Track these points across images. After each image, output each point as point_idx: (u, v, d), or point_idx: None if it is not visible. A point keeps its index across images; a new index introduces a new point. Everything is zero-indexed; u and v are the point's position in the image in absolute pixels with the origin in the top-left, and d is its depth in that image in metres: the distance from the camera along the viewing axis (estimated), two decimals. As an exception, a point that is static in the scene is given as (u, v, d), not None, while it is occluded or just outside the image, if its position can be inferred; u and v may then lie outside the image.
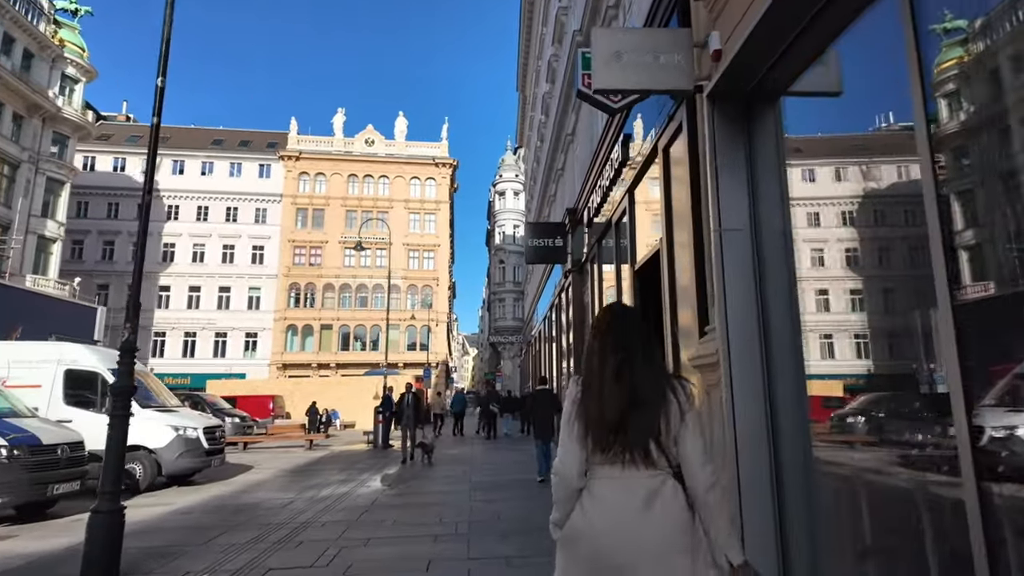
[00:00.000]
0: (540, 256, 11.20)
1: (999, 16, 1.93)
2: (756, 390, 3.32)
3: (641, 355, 1.55)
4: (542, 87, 19.18)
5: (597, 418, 1.49)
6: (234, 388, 24.51)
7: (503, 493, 7.36)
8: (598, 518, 1.45)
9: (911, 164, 2.24)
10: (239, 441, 14.95)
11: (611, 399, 1.49)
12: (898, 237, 2.66)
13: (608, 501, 1.45)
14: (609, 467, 1.48)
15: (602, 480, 1.48)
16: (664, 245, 5.15)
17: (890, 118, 2.58)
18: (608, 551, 1.41)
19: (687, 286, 4.52)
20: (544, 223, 14.41)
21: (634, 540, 1.40)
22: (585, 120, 11.04)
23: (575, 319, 10.77)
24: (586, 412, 1.51)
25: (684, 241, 4.60)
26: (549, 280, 16.05)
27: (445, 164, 44.20)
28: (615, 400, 1.49)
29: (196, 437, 8.37)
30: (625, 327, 1.61)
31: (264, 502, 7.06)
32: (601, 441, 1.48)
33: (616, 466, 1.47)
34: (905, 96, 2.19)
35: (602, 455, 1.48)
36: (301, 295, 41.23)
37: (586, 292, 10.31)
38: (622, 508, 1.43)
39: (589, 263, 9.94)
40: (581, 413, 1.52)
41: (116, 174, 41.04)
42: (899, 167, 2.62)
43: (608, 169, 7.79)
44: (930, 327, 2.17)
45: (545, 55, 17.94)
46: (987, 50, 2.00)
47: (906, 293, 2.58)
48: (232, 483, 8.80)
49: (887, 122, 2.60)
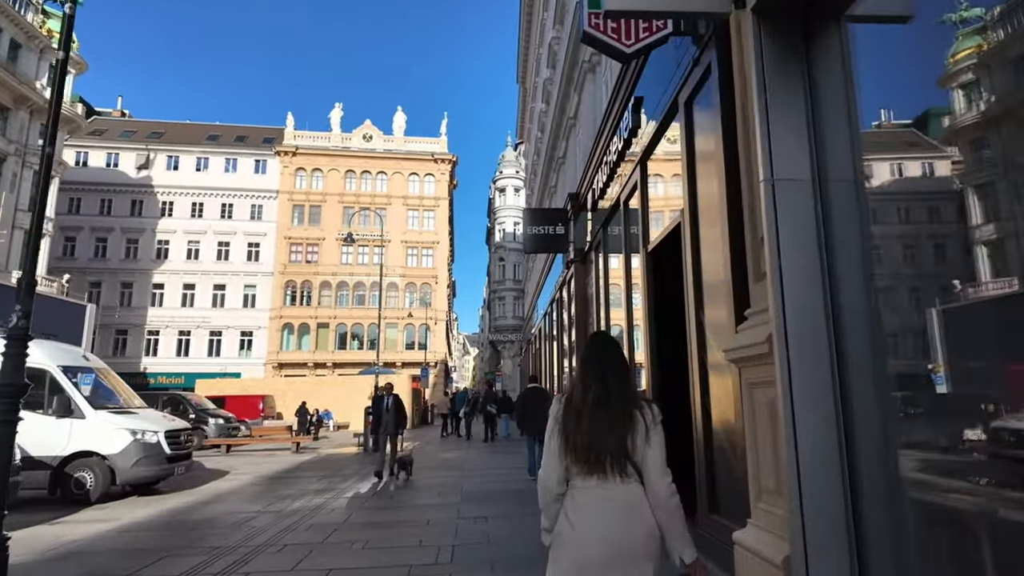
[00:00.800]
0: (540, 245, 10.32)
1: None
2: (822, 388, 2.48)
3: (616, 382, 1.79)
4: (543, 74, 18.34)
5: (576, 436, 1.72)
6: (225, 387, 23.69)
7: (496, 507, 6.51)
8: (582, 526, 1.68)
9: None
10: (221, 444, 14.11)
11: (589, 420, 1.73)
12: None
13: (590, 510, 1.68)
14: (586, 478, 1.71)
15: (582, 490, 1.71)
16: (686, 217, 4.30)
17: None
18: (591, 555, 1.64)
19: (718, 262, 3.67)
20: (544, 209, 13.49)
21: (614, 544, 1.64)
22: (587, 102, 10.21)
23: (578, 313, 9.93)
24: (565, 429, 1.75)
25: (713, 208, 3.75)
26: (549, 276, 15.20)
27: (444, 160, 43.35)
28: (592, 421, 1.72)
29: (156, 442, 7.54)
30: (604, 357, 1.85)
31: (223, 517, 6.23)
32: (579, 456, 1.71)
33: (593, 477, 1.70)
34: None
35: (579, 467, 1.71)
36: (297, 293, 40.41)
37: (590, 284, 9.47)
38: (602, 517, 1.66)
39: (593, 252, 9.10)
40: (561, 430, 1.76)
41: (109, 170, 40.25)
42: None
43: (616, 141, 6.96)
44: None
45: (546, 40, 17.09)
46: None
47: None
48: (198, 493, 7.96)
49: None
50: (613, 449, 1.68)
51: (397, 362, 39.31)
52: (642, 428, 1.71)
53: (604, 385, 1.77)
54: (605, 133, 7.53)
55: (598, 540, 1.63)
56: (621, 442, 1.69)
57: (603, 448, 1.69)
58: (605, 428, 1.71)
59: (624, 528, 1.64)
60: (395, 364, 38.83)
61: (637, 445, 1.69)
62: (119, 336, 38.59)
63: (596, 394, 1.76)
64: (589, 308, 9.64)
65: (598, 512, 1.66)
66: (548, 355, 16.29)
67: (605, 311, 7.99)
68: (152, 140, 41.46)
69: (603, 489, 1.68)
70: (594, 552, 1.63)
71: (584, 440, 1.70)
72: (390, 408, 8.86)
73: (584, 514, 1.67)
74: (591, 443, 1.70)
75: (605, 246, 8.22)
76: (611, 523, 1.64)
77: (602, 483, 1.69)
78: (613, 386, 1.77)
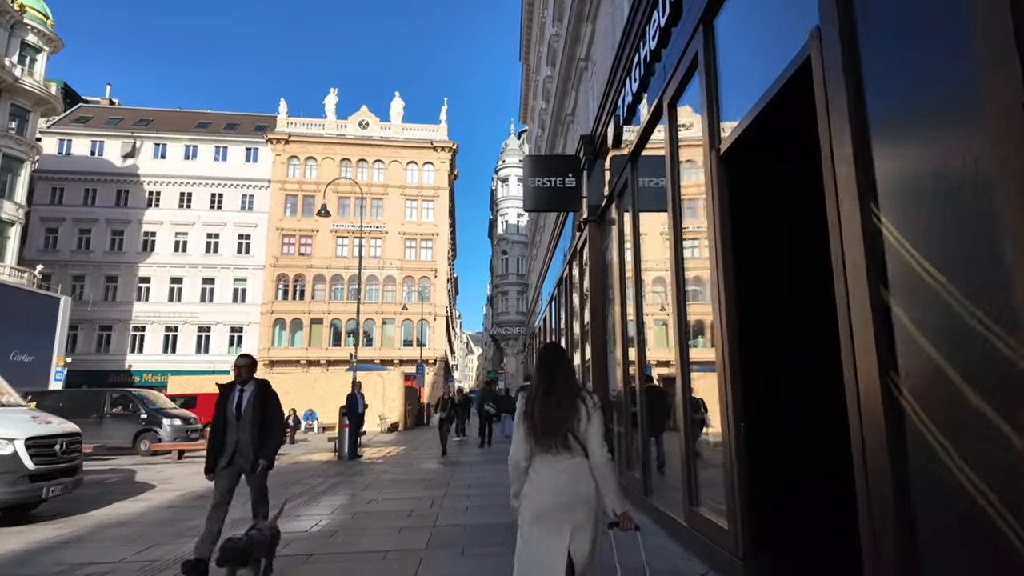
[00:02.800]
0: (544, 201, 8.05)
1: None
2: None
3: (563, 381, 2.34)
4: (548, 31, 16.17)
5: (535, 422, 2.28)
6: (202, 385, 21.66)
7: (476, 564, 4.34)
8: (538, 484, 2.24)
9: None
10: (172, 449, 12.00)
11: (543, 411, 2.29)
12: None
13: (546, 474, 2.24)
14: (544, 454, 2.26)
15: (540, 462, 2.27)
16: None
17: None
18: (545, 503, 2.20)
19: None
20: (550, 156, 11.18)
21: (560, 497, 2.19)
22: (604, 29, 8.04)
23: (593, 288, 7.77)
24: (527, 418, 2.31)
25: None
26: (555, 254, 13.01)
27: (444, 148, 41.24)
28: (547, 411, 2.28)
29: (11, 454, 5.45)
30: (554, 362, 2.39)
31: (68, 570, 4.13)
32: (539, 437, 2.27)
33: (548, 453, 2.25)
34: None
35: (538, 446, 2.27)
36: (290, 287, 38.42)
37: (610, 247, 7.31)
38: (554, 478, 2.21)
39: (614, 205, 6.94)
40: (524, 420, 2.32)
41: (93, 158, 38.38)
42: None
43: (650, 29, 4.81)
44: None
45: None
46: None
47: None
48: (77, 522, 5.82)
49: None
50: (563, 431, 2.24)
51: (394, 359, 37.31)
52: (584, 414, 2.27)
53: (554, 383, 2.33)
54: (634, 29, 5.37)
55: (549, 493, 2.20)
56: (569, 425, 2.25)
57: (556, 430, 2.24)
58: (557, 416, 2.26)
59: (569, 485, 2.20)
60: (392, 362, 36.81)
61: (581, 426, 2.25)
62: (103, 332, 36.74)
63: (548, 390, 2.32)
64: (608, 279, 7.48)
65: (551, 475, 2.22)
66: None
67: (635, 282, 5.82)
68: (139, 128, 39.57)
69: (556, 461, 2.24)
70: (547, 500, 2.20)
71: (541, 425, 2.26)
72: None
73: (541, 477, 2.24)
74: (546, 427, 2.25)
75: (634, 194, 6.03)
76: (560, 482, 2.20)
77: (555, 457, 2.24)
78: (561, 384, 2.33)
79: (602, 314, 7.67)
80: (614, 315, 7.15)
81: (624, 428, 6.61)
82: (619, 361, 6.61)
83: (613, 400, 7.16)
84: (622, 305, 6.53)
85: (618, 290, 6.76)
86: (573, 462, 2.19)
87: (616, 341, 6.85)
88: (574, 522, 2.13)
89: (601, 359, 7.65)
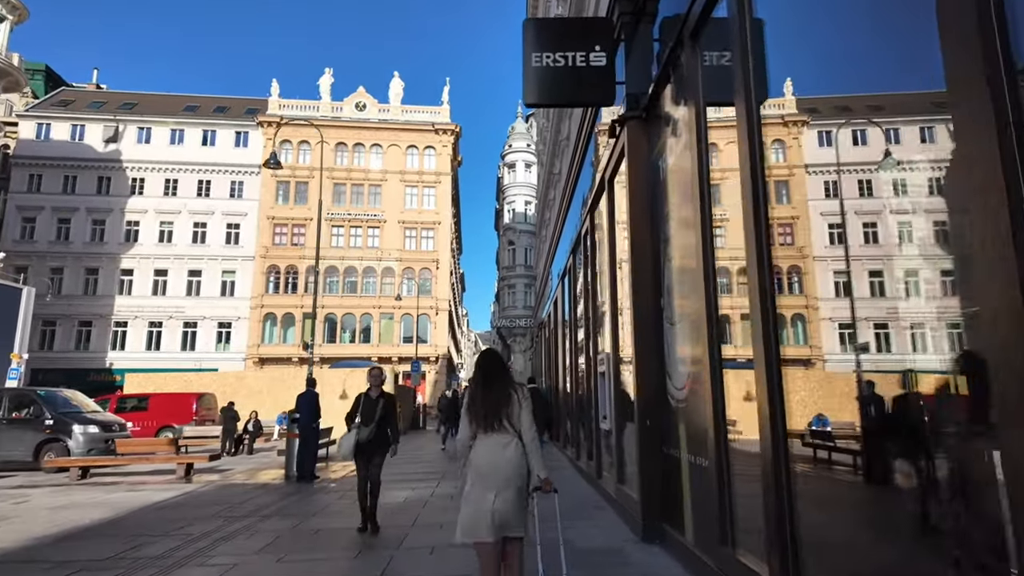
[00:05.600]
0: (556, 89, 4.85)
1: None
2: None
3: (498, 377, 3.04)
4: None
5: (476, 409, 2.96)
6: (162, 384, 19.05)
7: None
8: (480, 456, 2.89)
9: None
10: (72, 465, 9.25)
11: (482, 399, 2.96)
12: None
13: (481, 450, 2.89)
14: (484, 435, 2.91)
15: (481, 440, 2.92)
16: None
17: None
18: (485, 469, 2.85)
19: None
20: (567, 19, 8.01)
21: (496, 465, 2.84)
22: None
23: (635, 228, 4.91)
24: (470, 408, 2.99)
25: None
26: (572, 203, 10.14)
27: (446, 131, 38.48)
28: (484, 400, 2.96)
29: None
30: (488, 364, 3.11)
31: None
32: (479, 422, 2.92)
33: (488, 434, 2.90)
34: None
35: (480, 428, 2.92)
36: (281, 279, 35.85)
37: (666, 155, 4.45)
38: (492, 451, 2.87)
39: (669, 92, 4.08)
40: (469, 409, 2.99)
41: (73, 143, 36.06)
42: None
43: None
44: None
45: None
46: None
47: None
48: None
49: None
50: (498, 417, 2.90)
51: (393, 356, 34.58)
52: (516, 402, 2.95)
53: (489, 380, 3.02)
54: None
55: (487, 461, 2.86)
56: (504, 411, 2.91)
57: (493, 416, 2.90)
58: (493, 404, 2.93)
59: (502, 455, 2.84)
60: (391, 359, 34.10)
61: (514, 412, 2.92)
62: (83, 328, 34.42)
63: (486, 385, 3.00)
64: (662, 208, 4.63)
65: (486, 450, 2.88)
66: (564, 339, 11.28)
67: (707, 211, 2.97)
68: (123, 112, 37.20)
69: (492, 440, 2.88)
70: (485, 466, 2.85)
71: (481, 412, 2.92)
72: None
73: (478, 452, 2.90)
74: (486, 414, 2.91)
75: (703, 76, 3.17)
76: (495, 453, 2.85)
77: (490, 437, 2.89)
78: (496, 381, 3.01)
79: (645, 263, 4.80)
80: (674, 262, 4.30)
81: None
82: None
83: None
84: (704, 240, 3.68)
85: (693, 220, 3.92)
86: (507, 439, 2.87)
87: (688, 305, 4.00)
88: (498, 486, 2.78)
89: (650, 340, 4.79)
